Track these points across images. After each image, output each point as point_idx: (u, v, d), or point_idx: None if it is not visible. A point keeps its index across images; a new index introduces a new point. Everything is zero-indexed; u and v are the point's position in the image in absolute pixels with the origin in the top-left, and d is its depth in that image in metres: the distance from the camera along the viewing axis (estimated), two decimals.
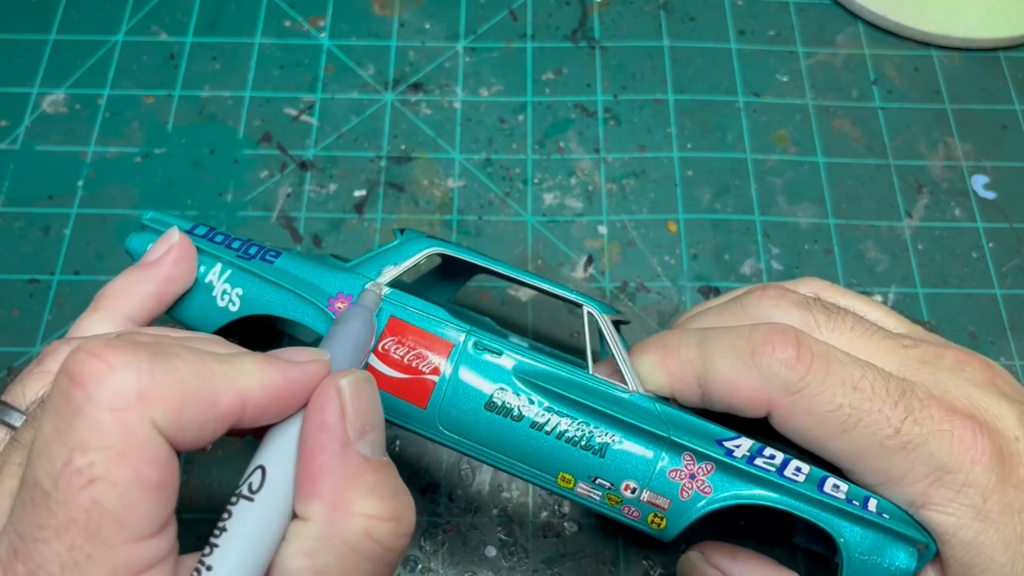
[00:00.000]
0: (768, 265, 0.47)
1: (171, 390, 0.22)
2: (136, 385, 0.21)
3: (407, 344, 0.32)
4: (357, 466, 0.24)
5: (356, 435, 0.24)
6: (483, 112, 0.52)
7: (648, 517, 0.31)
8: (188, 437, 0.22)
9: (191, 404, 0.22)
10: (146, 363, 0.22)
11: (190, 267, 0.34)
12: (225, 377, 0.23)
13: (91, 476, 0.20)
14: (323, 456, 0.23)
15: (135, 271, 0.34)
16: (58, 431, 0.21)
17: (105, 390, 0.21)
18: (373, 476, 0.24)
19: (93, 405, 0.21)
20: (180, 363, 0.22)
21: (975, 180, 0.50)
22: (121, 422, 0.21)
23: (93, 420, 0.21)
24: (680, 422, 0.31)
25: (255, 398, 0.24)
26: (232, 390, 0.23)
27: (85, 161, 0.49)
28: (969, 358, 0.32)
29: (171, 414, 0.22)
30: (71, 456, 0.20)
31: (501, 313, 0.46)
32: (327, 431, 0.24)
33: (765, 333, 0.30)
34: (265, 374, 0.24)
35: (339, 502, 0.23)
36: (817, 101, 0.52)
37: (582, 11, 0.55)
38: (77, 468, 0.20)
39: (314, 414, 0.24)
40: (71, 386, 0.21)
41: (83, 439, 0.21)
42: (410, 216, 0.48)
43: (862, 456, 0.29)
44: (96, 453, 0.20)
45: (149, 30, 0.54)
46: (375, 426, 0.25)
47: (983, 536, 0.28)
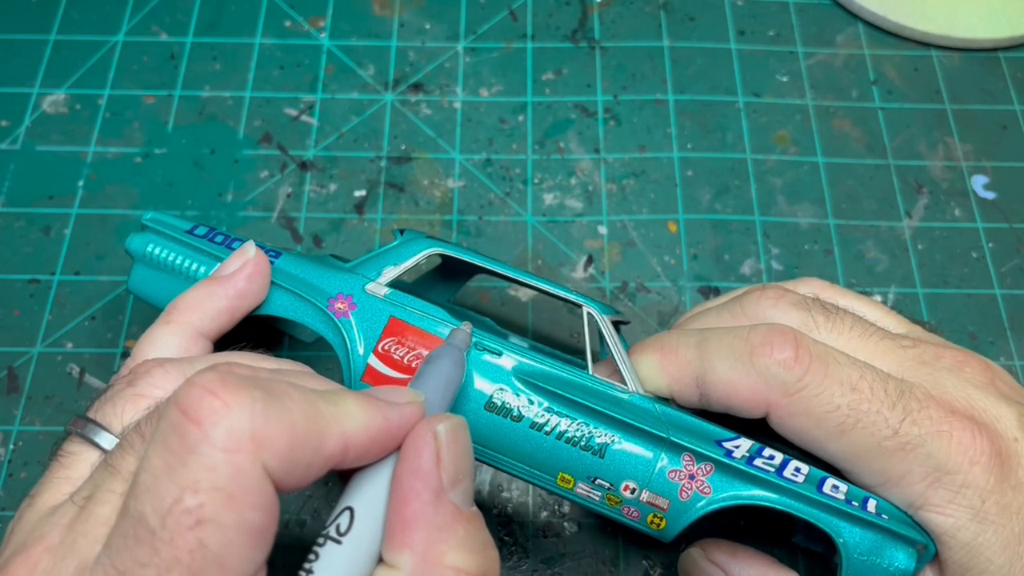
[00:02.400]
0: (768, 265, 0.47)
1: (283, 433, 0.21)
2: (250, 427, 0.21)
3: (407, 344, 0.32)
4: (450, 517, 0.23)
5: (450, 483, 0.23)
6: (483, 112, 0.52)
7: (647, 517, 0.31)
8: (294, 479, 0.22)
9: (300, 447, 0.22)
10: (260, 403, 0.21)
11: (264, 283, 0.33)
12: (331, 418, 0.23)
13: (200, 517, 0.20)
14: (416, 503, 0.23)
15: (208, 284, 0.33)
16: (169, 467, 0.20)
17: (220, 430, 0.20)
18: (464, 528, 0.23)
19: (208, 444, 0.20)
20: (291, 403, 0.22)
21: (975, 180, 0.50)
22: (234, 464, 0.20)
23: (208, 460, 0.20)
24: (679, 423, 0.31)
25: (357, 440, 0.23)
26: (337, 432, 0.23)
27: (85, 161, 0.49)
28: (968, 359, 0.32)
29: (281, 457, 0.21)
30: (182, 495, 0.20)
31: (501, 313, 0.46)
32: (422, 477, 0.23)
33: (763, 334, 0.30)
34: (366, 416, 0.23)
35: (431, 555, 0.22)
36: (817, 101, 0.52)
37: (582, 11, 0.55)
38: (187, 508, 0.20)
39: (409, 458, 0.23)
40: (186, 422, 0.21)
41: (196, 479, 0.20)
42: (410, 216, 0.48)
43: (860, 457, 0.30)
44: (207, 494, 0.20)
45: (149, 30, 0.54)
46: (467, 475, 0.24)
47: (981, 537, 0.28)
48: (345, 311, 0.33)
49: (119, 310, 0.45)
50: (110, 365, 0.44)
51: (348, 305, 0.33)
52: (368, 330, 0.32)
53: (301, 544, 0.40)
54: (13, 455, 0.41)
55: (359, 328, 0.32)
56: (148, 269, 0.36)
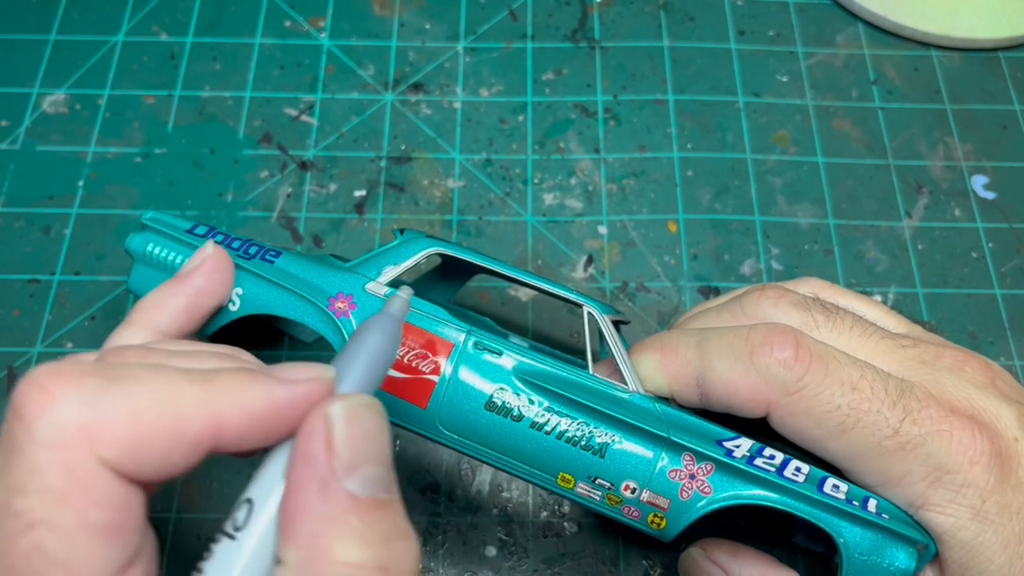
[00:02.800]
0: (768, 265, 0.47)
1: (121, 422, 0.20)
2: (78, 419, 0.19)
3: (407, 344, 0.32)
4: (340, 506, 0.21)
5: (345, 471, 0.21)
6: (483, 112, 0.52)
7: (648, 517, 0.31)
8: (149, 470, 0.20)
9: (148, 435, 0.20)
10: (93, 392, 0.20)
11: (224, 280, 0.33)
12: (196, 400, 0.21)
13: (30, 521, 0.19)
14: (302, 494, 0.21)
15: (169, 284, 0.32)
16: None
17: (44, 425, 0.19)
18: (360, 519, 0.21)
19: (31, 443, 0.19)
20: (137, 388, 0.20)
21: (975, 180, 0.50)
22: (61, 462, 0.19)
23: (32, 460, 0.19)
24: (680, 422, 0.31)
25: (234, 421, 0.21)
26: (205, 413, 0.21)
27: (85, 161, 0.49)
28: (968, 358, 0.32)
29: (122, 449, 0.20)
30: (10, 499, 0.19)
31: (501, 313, 0.46)
32: (309, 465, 0.21)
33: (764, 333, 0.30)
34: (245, 395, 0.22)
35: (316, 547, 0.20)
36: (817, 101, 0.52)
37: (582, 11, 0.55)
38: (16, 511, 0.19)
39: (299, 444, 0.22)
40: (12, 419, 0.19)
41: (21, 481, 0.19)
42: (410, 216, 0.48)
43: (861, 456, 0.30)
44: (36, 496, 0.19)
45: (149, 30, 0.54)
46: (373, 459, 0.22)
47: (981, 537, 0.28)
48: (345, 311, 0.33)
49: (119, 310, 0.45)
50: None
51: (348, 305, 0.33)
52: None
53: None
54: None
55: None
56: (148, 269, 0.36)
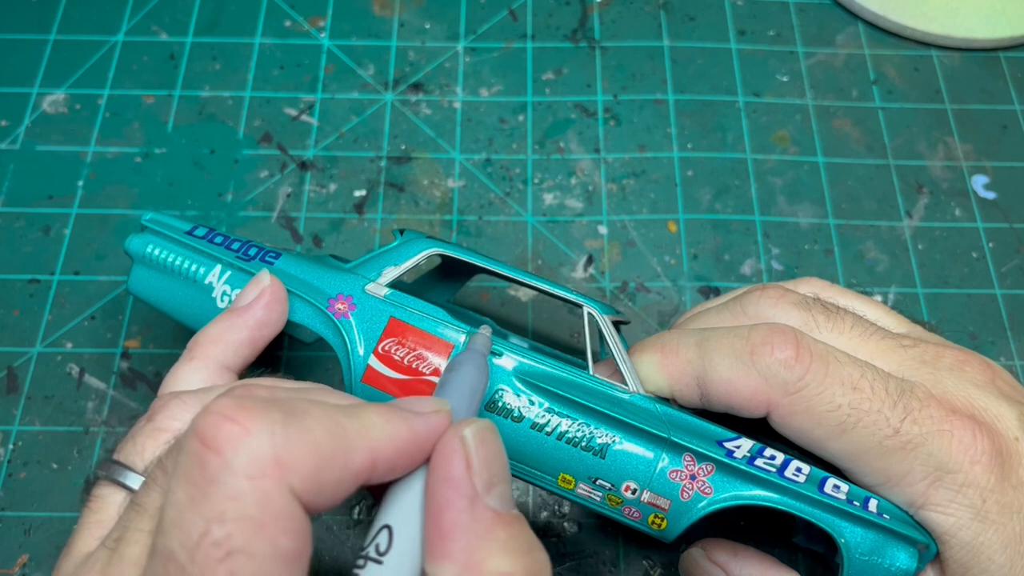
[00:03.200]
0: (768, 265, 0.47)
1: (307, 454, 0.21)
2: (272, 450, 0.20)
3: (407, 345, 0.32)
4: (488, 522, 0.22)
5: (484, 488, 0.23)
6: (483, 112, 0.52)
7: (649, 518, 0.31)
8: (323, 500, 0.21)
9: (327, 466, 0.21)
10: (280, 425, 0.21)
11: (282, 310, 0.33)
12: (356, 433, 0.22)
13: (229, 548, 0.19)
14: (451, 512, 0.22)
15: (228, 317, 0.32)
16: (193, 500, 0.20)
17: (242, 457, 0.20)
18: (505, 532, 0.22)
19: (230, 473, 0.20)
20: (312, 422, 0.21)
21: (975, 180, 0.50)
22: (259, 490, 0.20)
23: (232, 489, 0.20)
24: (680, 423, 0.31)
25: (385, 453, 0.22)
26: (364, 446, 0.22)
27: (85, 161, 0.49)
28: (969, 358, 0.32)
29: (308, 479, 0.21)
30: (208, 527, 0.19)
31: (501, 313, 0.46)
32: (454, 486, 0.22)
33: (764, 333, 0.30)
34: (392, 427, 0.23)
35: (472, 562, 0.22)
36: (817, 101, 0.52)
37: (582, 11, 0.55)
38: (215, 540, 0.19)
39: (439, 468, 0.23)
40: (205, 452, 0.20)
41: (221, 509, 0.20)
42: (410, 216, 0.48)
43: (861, 456, 0.29)
44: (234, 524, 0.19)
45: (149, 30, 0.54)
46: (502, 478, 0.23)
47: (982, 537, 0.28)
48: (345, 312, 0.33)
49: (119, 310, 0.45)
50: (110, 365, 0.44)
51: (348, 306, 0.33)
52: (368, 331, 0.32)
53: None
54: (13, 455, 0.41)
55: (359, 329, 0.32)
56: (148, 270, 0.36)
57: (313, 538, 0.21)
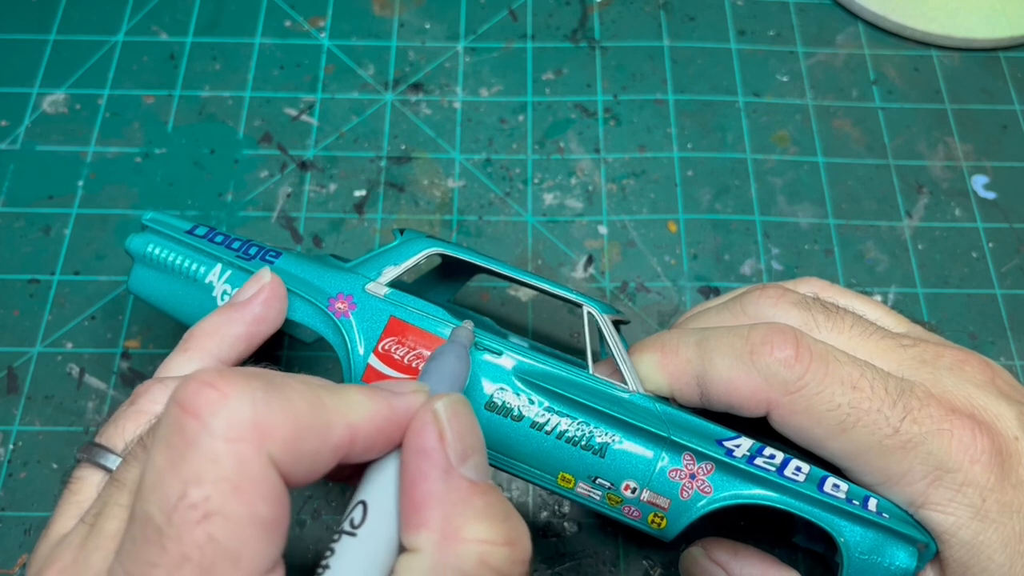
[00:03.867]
0: (768, 265, 0.47)
1: (286, 421, 0.21)
2: (252, 415, 0.20)
3: (407, 344, 0.32)
4: (464, 491, 0.22)
5: (458, 459, 0.23)
6: (483, 112, 0.52)
7: (648, 517, 0.31)
8: (301, 471, 0.21)
9: (306, 436, 0.21)
10: (261, 392, 0.21)
11: (281, 307, 0.33)
12: (336, 408, 0.22)
13: (207, 511, 0.19)
14: (426, 483, 0.22)
15: (225, 311, 0.32)
16: (171, 463, 0.20)
17: (220, 420, 0.20)
18: (481, 500, 0.23)
19: (208, 435, 0.20)
20: (293, 393, 0.22)
21: (975, 180, 0.50)
22: (237, 454, 0.20)
23: (209, 451, 0.20)
24: (680, 422, 0.31)
25: (364, 430, 0.23)
26: (343, 422, 0.22)
27: (85, 161, 0.49)
28: (968, 357, 0.32)
29: (286, 446, 0.21)
30: (186, 489, 0.20)
31: (501, 313, 0.46)
32: (427, 456, 0.23)
33: (764, 333, 0.30)
34: (372, 405, 0.23)
35: (449, 529, 0.22)
36: (817, 101, 0.52)
37: (582, 11, 0.55)
38: (192, 502, 0.19)
39: (412, 440, 0.23)
40: (184, 416, 0.20)
41: (198, 471, 0.20)
42: (410, 216, 0.48)
43: (861, 455, 0.29)
44: (212, 486, 0.20)
45: (149, 30, 0.54)
46: (476, 449, 0.24)
47: (982, 536, 0.28)
48: (345, 311, 0.33)
49: (119, 310, 0.45)
50: (110, 365, 0.44)
51: (348, 305, 0.33)
52: (368, 330, 0.32)
53: (302, 544, 0.40)
54: (13, 455, 0.41)
55: (359, 328, 0.32)
56: (148, 269, 0.36)
57: (292, 511, 0.21)
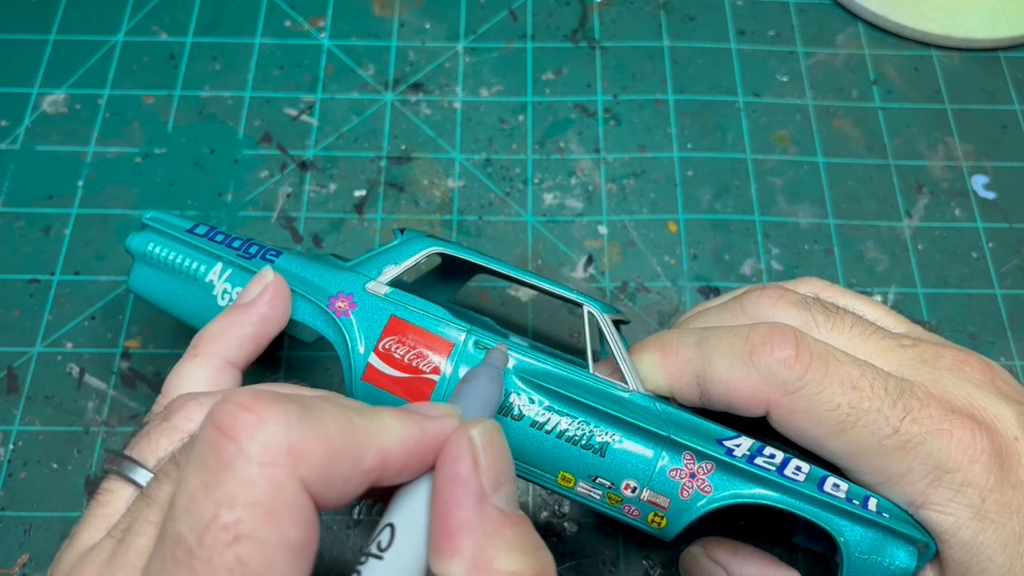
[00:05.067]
0: (768, 265, 0.47)
1: (320, 446, 0.21)
2: (287, 440, 0.20)
3: (408, 343, 0.32)
4: (496, 521, 0.22)
5: (492, 488, 0.23)
6: (483, 112, 0.52)
7: (648, 516, 0.31)
8: (332, 495, 0.21)
9: (338, 461, 0.21)
10: (295, 417, 0.21)
11: (285, 306, 0.33)
12: (368, 432, 0.22)
13: (238, 533, 0.20)
14: (460, 511, 0.22)
15: (231, 313, 0.32)
16: (205, 485, 0.20)
17: (256, 444, 0.20)
18: (512, 531, 0.22)
19: (244, 459, 0.20)
20: (327, 417, 0.22)
21: (975, 180, 0.50)
22: (271, 478, 0.20)
23: (244, 475, 0.20)
24: (680, 421, 0.31)
25: (396, 454, 0.23)
26: (375, 445, 0.22)
27: (85, 161, 0.49)
28: (968, 358, 0.32)
29: (319, 471, 0.21)
30: (218, 512, 0.20)
31: (501, 313, 0.46)
32: (462, 484, 0.22)
33: (764, 333, 0.30)
34: (404, 429, 0.23)
35: (481, 560, 0.22)
36: (817, 101, 0.52)
37: (582, 11, 0.55)
38: (224, 524, 0.20)
39: (447, 466, 0.23)
40: (221, 439, 0.20)
41: (232, 494, 0.20)
42: (410, 216, 0.48)
43: (861, 455, 0.30)
44: (244, 510, 0.20)
45: (149, 30, 0.54)
46: (508, 478, 0.24)
47: (981, 536, 0.28)
48: (345, 310, 0.33)
49: (119, 310, 0.45)
50: (110, 365, 0.44)
51: (348, 304, 0.33)
52: (369, 329, 0.32)
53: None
54: (13, 455, 0.41)
55: (360, 327, 0.32)
56: (148, 268, 0.36)
57: (320, 535, 0.21)
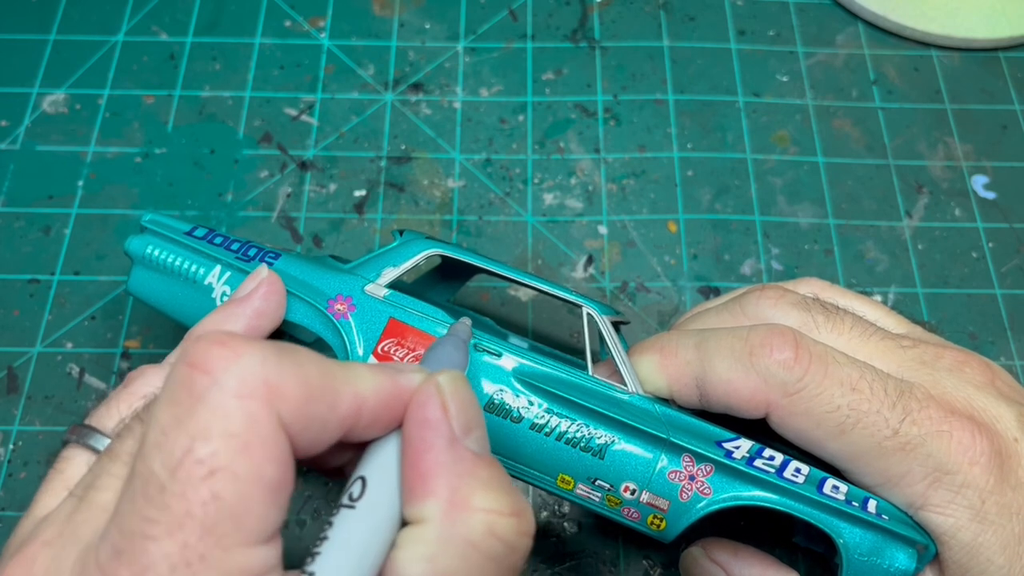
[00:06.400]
0: (768, 265, 0.47)
1: (297, 383, 0.20)
2: (263, 373, 0.20)
3: (407, 346, 0.32)
4: (469, 462, 0.22)
5: (462, 431, 0.23)
6: (483, 112, 0.52)
7: (648, 518, 0.31)
8: (308, 438, 0.21)
9: (315, 401, 0.21)
10: (272, 353, 0.20)
11: (280, 301, 0.33)
12: (344, 379, 0.22)
13: (213, 466, 0.19)
14: (432, 453, 0.22)
15: (226, 308, 0.32)
16: (178, 420, 0.19)
17: (232, 376, 0.20)
18: (486, 471, 0.22)
19: (219, 390, 0.19)
20: (303, 358, 0.21)
21: (975, 180, 0.50)
22: (247, 411, 0.19)
23: (218, 406, 0.19)
24: (679, 423, 0.31)
25: (369, 403, 0.22)
26: (350, 392, 0.22)
27: (85, 161, 0.49)
28: (968, 358, 0.32)
29: (296, 409, 0.20)
30: (192, 444, 0.19)
31: (501, 313, 0.46)
32: (432, 427, 0.22)
33: (763, 334, 0.30)
34: (377, 379, 0.23)
35: (456, 498, 0.21)
36: (817, 101, 0.52)
37: (582, 11, 0.55)
38: (199, 457, 0.19)
39: (416, 412, 0.23)
40: (194, 373, 0.20)
41: (206, 426, 0.19)
42: (410, 216, 0.48)
43: (860, 457, 0.29)
44: (220, 441, 0.19)
45: (149, 30, 0.54)
46: (478, 423, 0.23)
47: (981, 538, 0.28)
48: (344, 312, 0.33)
49: (119, 310, 0.45)
50: (110, 365, 0.44)
51: (347, 306, 0.33)
52: (367, 331, 0.32)
53: (301, 544, 0.40)
54: (13, 455, 0.41)
55: (358, 329, 0.32)
56: (148, 271, 0.36)
57: (295, 476, 0.21)
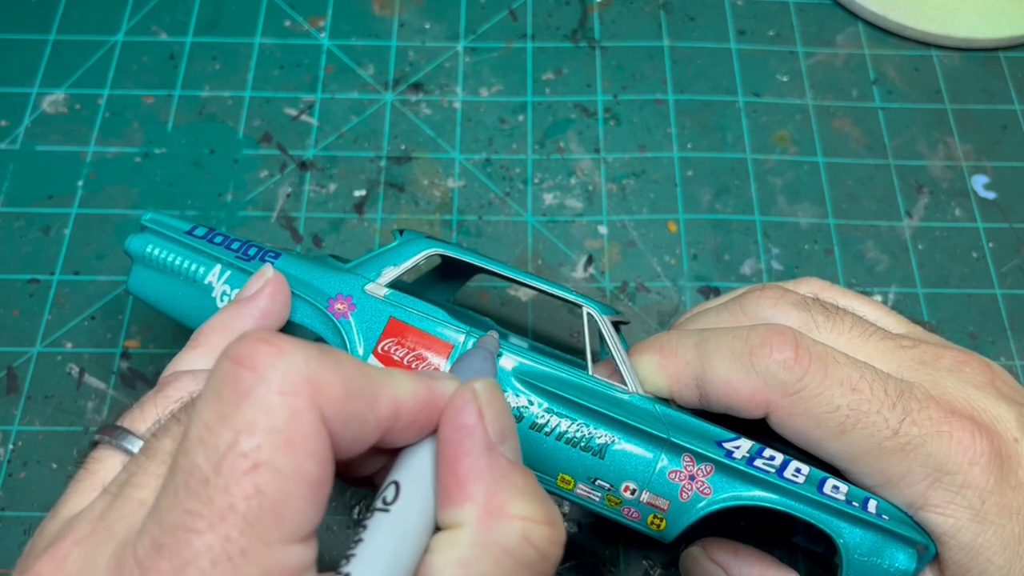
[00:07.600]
0: (768, 265, 0.47)
1: (338, 381, 0.21)
2: (306, 370, 0.20)
3: (407, 345, 0.32)
4: (505, 469, 0.22)
5: (498, 439, 0.23)
6: (483, 112, 0.52)
7: (648, 518, 0.31)
8: (348, 437, 0.21)
9: (355, 399, 0.21)
10: (315, 351, 0.21)
11: (285, 301, 0.33)
12: (382, 380, 0.22)
13: (256, 460, 0.19)
14: (469, 458, 0.22)
15: (233, 307, 0.32)
16: (222, 415, 0.20)
17: (277, 373, 0.20)
18: (522, 479, 0.23)
19: (264, 387, 0.20)
20: (343, 359, 0.22)
21: (975, 180, 0.50)
22: (291, 407, 0.20)
23: (263, 401, 0.20)
24: (679, 423, 0.31)
25: (407, 405, 0.23)
26: (389, 393, 0.22)
27: (85, 161, 0.49)
28: (968, 359, 0.32)
29: (337, 406, 0.21)
30: (237, 438, 0.19)
31: (501, 313, 0.46)
32: (469, 433, 0.23)
33: (763, 334, 0.30)
34: (414, 384, 0.23)
35: (493, 504, 0.22)
36: (817, 101, 0.52)
37: (582, 11, 0.55)
38: (243, 451, 0.19)
39: (453, 417, 0.23)
40: (238, 369, 0.20)
41: (251, 420, 0.19)
42: (410, 216, 0.48)
43: (860, 457, 0.29)
44: (264, 436, 0.19)
45: (149, 30, 0.54)
46: (512, 432, 0.24)
47: (981, 538, 0.28)
48: (344, 312, 0.33)
49: (119, 310, 0.45)
50: (109, 365, 0.44)
51: (347, 306, 0.33)
52: (368, 331, 0.32)
53: None
54: (13, 455, 0.41)
55: (359, 329, 0.32)
56: (147, 270, 0.36)
57: (333, 478, 0.21)
